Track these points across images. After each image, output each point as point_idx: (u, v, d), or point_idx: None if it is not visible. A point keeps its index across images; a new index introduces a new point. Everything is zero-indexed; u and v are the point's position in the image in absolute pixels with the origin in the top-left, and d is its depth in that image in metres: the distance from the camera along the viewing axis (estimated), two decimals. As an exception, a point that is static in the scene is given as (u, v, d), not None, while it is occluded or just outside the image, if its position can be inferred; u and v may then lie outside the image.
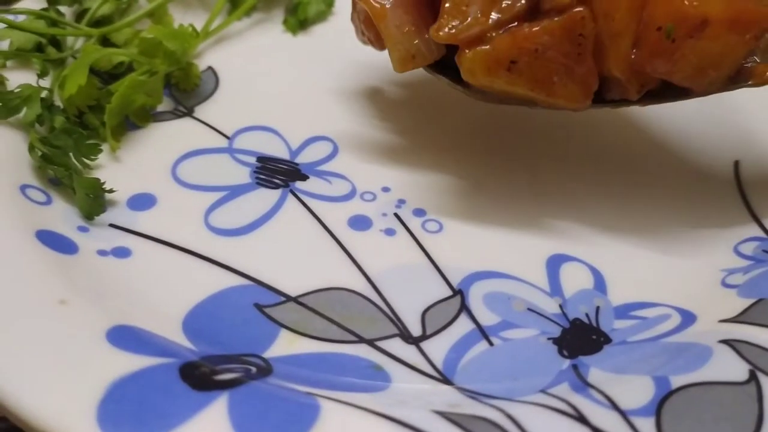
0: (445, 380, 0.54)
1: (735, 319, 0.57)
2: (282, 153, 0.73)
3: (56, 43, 0.76)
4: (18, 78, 0.70)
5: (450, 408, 0.50)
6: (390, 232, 0.65)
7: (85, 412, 0.46)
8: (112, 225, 0.63)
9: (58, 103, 0.70)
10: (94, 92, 0.70)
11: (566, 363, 0.56)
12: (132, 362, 0.49)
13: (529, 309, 0.60)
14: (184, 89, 0.78)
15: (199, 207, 0.66)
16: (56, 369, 0.48)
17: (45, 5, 0.77)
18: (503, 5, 0.57)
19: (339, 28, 0.89)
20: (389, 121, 0.76)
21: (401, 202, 0.68)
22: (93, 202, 0.63)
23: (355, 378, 0.54)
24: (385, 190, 0.69)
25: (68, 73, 0.68)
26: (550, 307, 0.60)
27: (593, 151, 0.73)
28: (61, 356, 0.49)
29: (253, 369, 0.52)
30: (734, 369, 0.51)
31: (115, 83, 0.72)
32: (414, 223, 0.66)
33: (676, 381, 0.51)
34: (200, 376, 0.49)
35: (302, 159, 0.72)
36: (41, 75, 0.72)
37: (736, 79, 0.60)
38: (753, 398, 0.49)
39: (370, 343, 0.57)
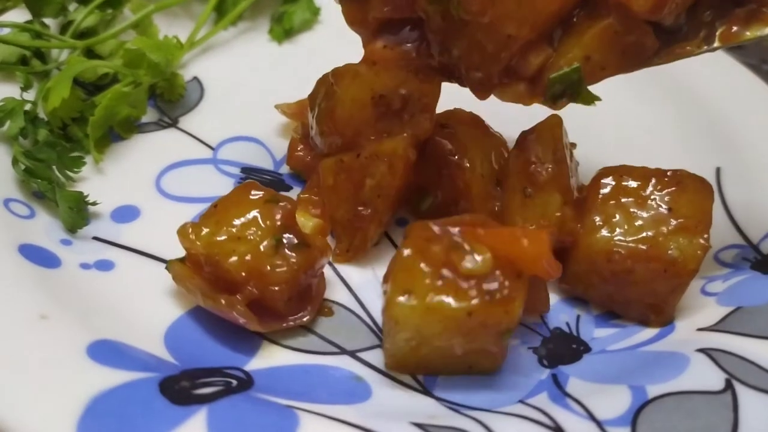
0: (426, 391, 0.55)
1: (713, 328, 0.57)
2: (266, 163, 0.73)
3: (41, 55, 0.76)
4: (1, 91, 0.70)
5: (428, 419, 0.50)
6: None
7: (65, 427, 0.46)
8: (95, 238, 0.63)
9: (42, 115, 0.70)
10: (77, 104, 0.70)
11: (546, 373, 0.56)
12: (112, 377, 0.49)
13: (510, 318, 0.60)
14: (169, 100, 0.78)
15: (182, 219, 0.65)
16: (36, 384, 0.48)
17: (30, 17, 0.77)
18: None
19: (324, 37, 0.90)
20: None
21: (384, 211, 0.68)
22: (76, 215, 0.63)
23: (336, 390, 0.54)
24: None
25: (52, 86, 0.68)
26: (532, 316, 0.61)
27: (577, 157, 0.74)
28: (42, 371, 0.49)
29: (234, 382, 0.52)
30: (710, 378, 0.52)
31: (99, 95, 0.72)
32: (397, 233, 0.66)
33: (653, 390, 0.51)
34: (180, 391, 0.49)
35: (286, 169, 0.72)
36: (25, 88, 0.72)
37: (750, 26, 0.58)
38: (728, 407, 0.50)
39: (352, 354, 0.57)
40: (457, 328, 0.51)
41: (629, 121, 0.81)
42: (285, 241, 0.57)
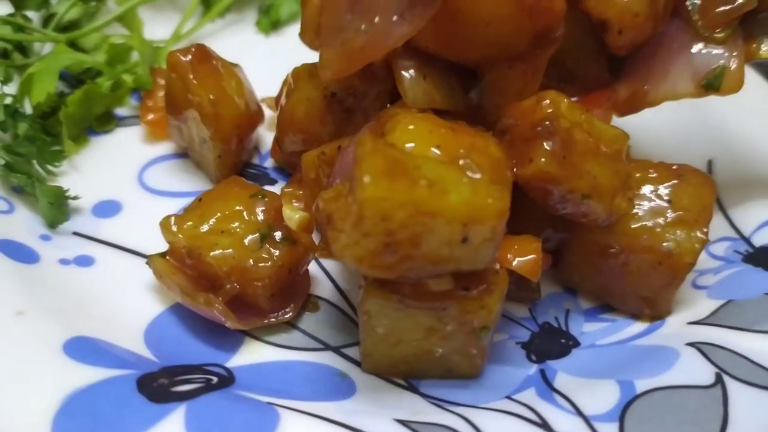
0: (411, 387, 0.53)
1: (703, 321, 0.56)
2: (252, 157, 0.72)
3: (22, 48, 0.75)
4: (-19, 85, 0.69)
5: (412, 416, 0.49)
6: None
7: (40, 425, 0.45)
8: (75, 233, 0.62)
9: (23, 109, 0.69)
10: (55, 99, 0.69)
11: (534, 368, 0.55)
12: (89, 374, 0.48)
13: (498, 313, 0.59)
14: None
15: (165, 213, 0.64)
16: (11, 381, 0.47)
17: (12, 10, 0.76)
18: None
19: (312, 30, 0.88)
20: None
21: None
22: (56, 210, 0.62)
23: (319, 387, 0.53)
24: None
25: (36, 75, 0.67)
26: (520, 310, 0.60)
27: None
28: (17, 369, 0.48)
29: (215, 379, 0.51)
30: (700, 372, 0.51)
31: (71, 94, 0.70)
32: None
33: (641, 385, 0.50)
34: (158, 388, 0.48)
35: (272, 163, 0.71)
36: (5, 81, 0.70)
37: None
38: (718, 401, 0.49)
39: (336, 350, 0.56)
40: (431, 323, 0.50)
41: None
42: (271, 236, 0.56)
